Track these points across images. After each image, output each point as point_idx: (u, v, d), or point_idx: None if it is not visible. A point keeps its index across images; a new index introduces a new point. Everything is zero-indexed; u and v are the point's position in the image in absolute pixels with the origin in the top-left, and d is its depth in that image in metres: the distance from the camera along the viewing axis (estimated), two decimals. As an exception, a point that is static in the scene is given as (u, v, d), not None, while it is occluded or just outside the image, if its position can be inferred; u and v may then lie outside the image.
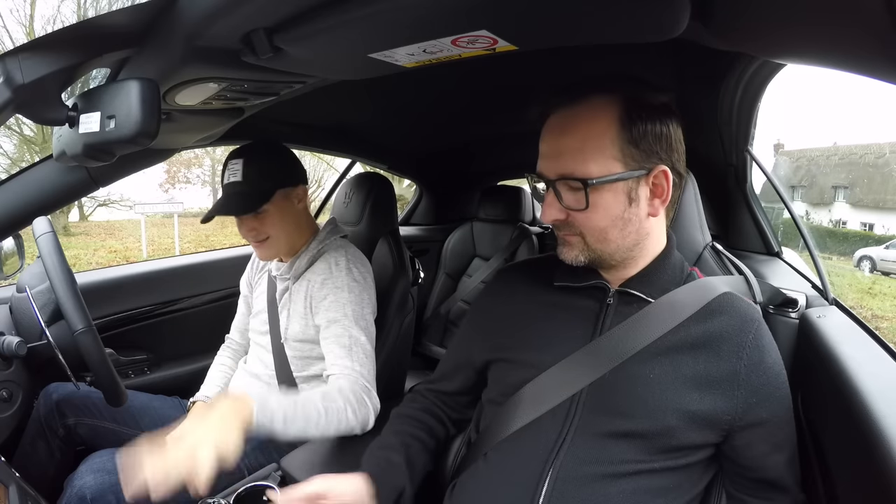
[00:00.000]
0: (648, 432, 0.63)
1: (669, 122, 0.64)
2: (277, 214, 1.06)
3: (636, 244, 0.67)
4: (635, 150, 0.62)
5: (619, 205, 0.63)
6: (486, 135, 1.89)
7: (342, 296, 1.03)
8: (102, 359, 0.90)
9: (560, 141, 0.64)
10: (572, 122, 0.63)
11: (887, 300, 7.89)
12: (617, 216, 0.64)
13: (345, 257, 1.08)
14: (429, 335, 2.22)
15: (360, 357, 0.98)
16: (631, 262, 0.69)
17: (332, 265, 1.06)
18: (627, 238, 0.66)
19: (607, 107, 0.62)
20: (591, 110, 0.63)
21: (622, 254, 0.67)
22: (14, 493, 0.67)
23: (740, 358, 0.64)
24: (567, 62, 1.00)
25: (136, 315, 1.40)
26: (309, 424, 0.84)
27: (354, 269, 1.07)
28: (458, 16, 0.51)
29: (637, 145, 0.62)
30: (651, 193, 0.64)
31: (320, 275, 1.05)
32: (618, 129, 0.61)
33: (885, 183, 15.57)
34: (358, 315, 1.03)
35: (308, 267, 1.09)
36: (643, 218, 0.65)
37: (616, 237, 0.65)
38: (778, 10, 0.45)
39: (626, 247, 0.67)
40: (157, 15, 0.57)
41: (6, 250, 1.04)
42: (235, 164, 1.03)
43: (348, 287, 1.04)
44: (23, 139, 9.46)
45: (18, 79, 0.53)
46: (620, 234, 0.65)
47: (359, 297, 1.05)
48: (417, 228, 2.36)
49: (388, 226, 1.36)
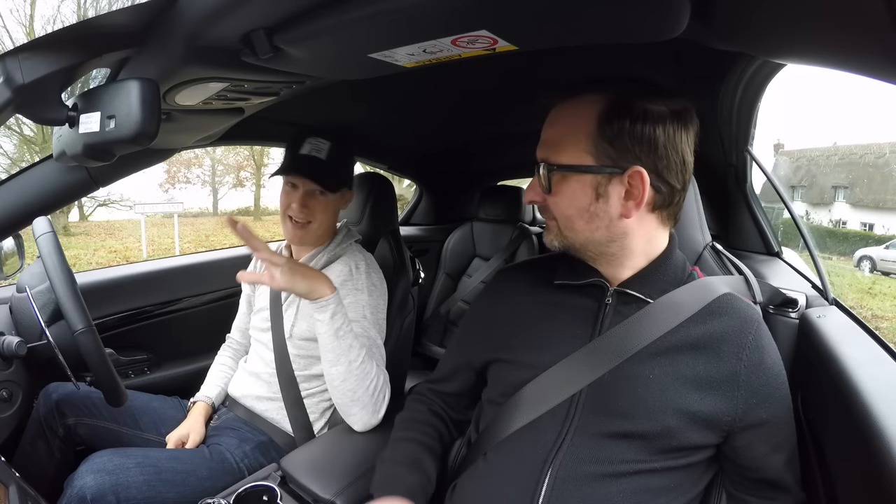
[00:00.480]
0: (648, 433, 0.63)
1: (659, 128, 0.63)
2: (330, 207, 1.11)
3: (610, 241, 0.67)
4: (609, 147, 0.63)
5: (584, 196, 0.65)
6: (487, 135, 1.89)
7: (362, 298, 1.04)
8: (102, 359, 0.90)
9: (548, 130, 0.69)
10: (560, 116, 0.68)
11: (887, 300, 7.93)
12: (582, 207, 0.65)
13: (364, 261, 1.10)
14: (429, 335, 2.22)
15: (378, 360, 1.00)
16: (615, 259, 0.69)
17: (352, 268, 1.07)
18: (596, 232, 0.66)
19: (591, 104, 0.64)
20: (577, 106, 0.66)
21: (595, 247, 0.68)
22: (14, 493, 0.67)
23: (740, 359, 0.64)
24: (567, 62, 1.00)
25: (136, 315, 1.40)
26: (347, 355, 0.91)
27: (374, 275, 1.09)
28: (458, 16, 0.51)
29: (612, 143, 0.63)
30: (626, 194, 0.64)
31: (338, 276, 1.06)
32: (595, 125, 0.63)
33: (885, 183, 15.58)
34: (375, 319, 1.04)
35: (323, 268, 1.10)
36: (613, 216, 0.65)
37: (582, 228, 0.67)
38: (778, 10, 0.45)
39: (596, 240, 0.67)
40: (157, 15, 0.57)
41: (6, 250, 1.04)
42: (322, 143, 1.08)
43: (368, 290, 1.05)
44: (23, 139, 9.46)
45: (18, 79, 0.53)
46: (587, 225, 0.66)
47: (376, 301, 1.06)
48: (417, 228, 2.36)
49: (389, 226, 1.36)
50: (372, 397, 0.94)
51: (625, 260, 0.69)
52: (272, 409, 1.11)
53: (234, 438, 1.05)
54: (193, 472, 0.94)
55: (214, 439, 1.07)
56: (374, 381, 0.94)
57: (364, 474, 0.87)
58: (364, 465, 0.88)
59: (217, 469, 0.98)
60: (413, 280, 1.38)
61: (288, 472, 0.88)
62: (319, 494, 0.83)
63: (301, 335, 1.08)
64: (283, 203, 1.09)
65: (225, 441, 1.05)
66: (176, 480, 0.91)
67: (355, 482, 0.85)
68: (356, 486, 0.85)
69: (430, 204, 2.42)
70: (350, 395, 0.92)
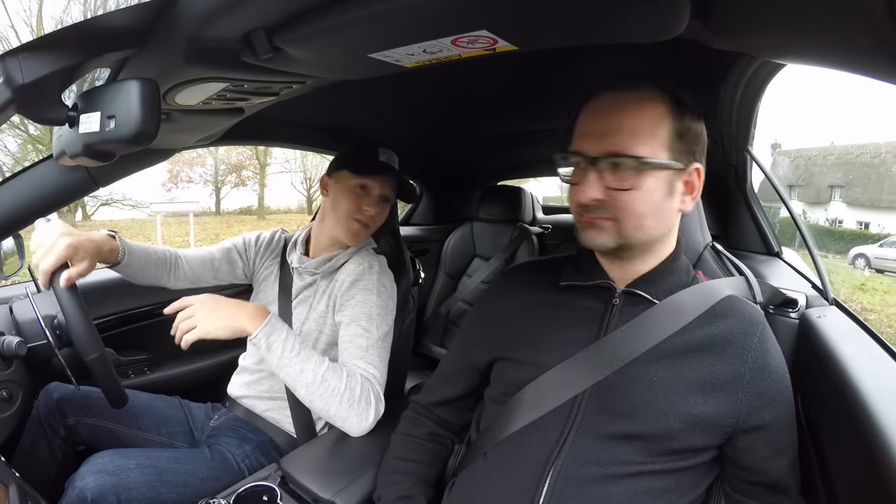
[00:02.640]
0: (650, 434, 0.63)
1: (703, 127, 0.66)
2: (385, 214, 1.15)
3: (662, 236, 0.68)
4: (681, 143, 0.63)
5: (660, 192, 0.63)
6: (487, 135, 1.89)
7: (370, 298, 1.04)
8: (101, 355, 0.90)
9: (612, 119, 0.63)
10: (629, 105, 0.63)
11: (877, 295, 8.34)
12: (657, 204, 0.64)
13: (378, 263, 1.11)
14: (429, 335, 2.22)
15: (374, 360, 0.99)
16: (645, 256, 0.69)
17: (365, 268, 1.08)
18: (658, 229, 0.66)
19: (659, 99, 0.63)
20: (647, 97, 0.64)
21: (647, 245, 0.68)
22: (14, 493, 0.67)
23: (745, 361, 0.64)
24: (566, 62, 1.00)
25: (136, 315, 1.40)
26: (301, 379, 0.87)
27: (384, 277, 1.10)
28: (458, 16, 0.51)
29: (682, 139, 0.63)
30: (684, 189, 0.66)
31: (350, 276, 1.07)
32: (671, 119, 0.63)
33: (880, 182, 15.62)
34: (381, 319, 1.04)
35: (340, 267, 1.11)
36: (674, 212, 0.66)
37: (651, 225, 0.65)
38: (778, 10, 0.45)
39: (654, 237, 0.67)
40: (158, 15, 0.56)
41: (6, 250, 1.04)
42: (394, 155, 1.16)
43: (377, 291, 1.05)
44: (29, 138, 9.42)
45: (18, 79, 0.53)
46: (655, 223, 0.65)
47: (385, 302, 1.06)
48: (417, 228, 2.36)
49: (389, 226, 1.36)
50: (351, 407, 0.90)
51: (647, 258, 0.70)
52: (273, 409, 1.11)
53: (235, 438, 1.05)
54: (194, 473, 0.94)
55: (215, 439, 1.07)
56: (347, 393, 0.90)
57: (364, 474, 0.87)
58: (364, 465, 0.88)
59: (217, 469, 0.98)
60: (413, 280, 1.38)
61: (288, 472, 0.88)
62: (319, 494, 0.83)
63: (310, 334, 1.09)
64: (353, 204, 1.10)
65: (225, 441, 1.05)
66: (177, 481, 0.91)
67: (355, 482, 0.85)
68: (356, 486, 0.85)
69: (430, 204, 2.42)
70: (324, 412, 0.90)
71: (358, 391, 0.91)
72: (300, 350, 0.89)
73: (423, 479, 0.80)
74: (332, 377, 0.89)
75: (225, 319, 0.85)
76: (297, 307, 1.12)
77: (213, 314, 0.85)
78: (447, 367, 0.86)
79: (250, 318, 0.86)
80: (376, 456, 0.88)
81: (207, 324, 0.84)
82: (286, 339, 0.88)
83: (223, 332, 0.84)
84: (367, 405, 0.92)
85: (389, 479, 0.80)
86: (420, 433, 0.85)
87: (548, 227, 2.41)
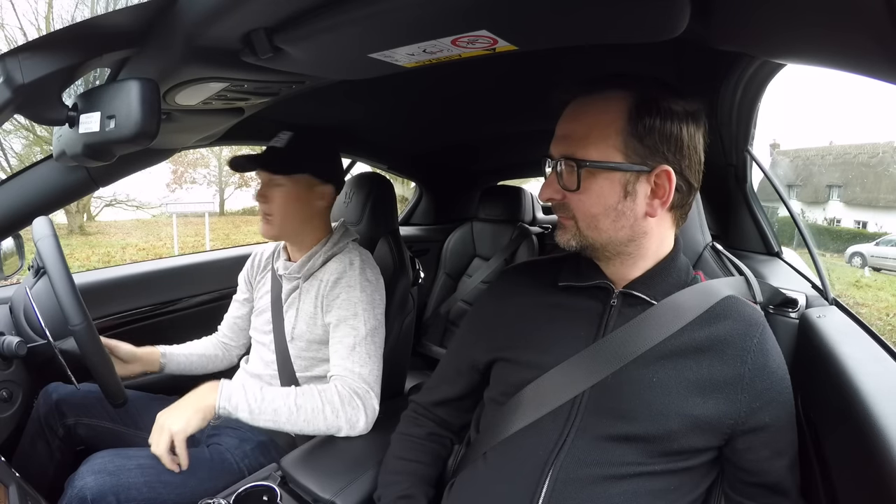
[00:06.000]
0: (650, 435, 0.63)
1: (685, 127, 0.64)
2: (289, 198, 1.07)
3: (631, 240, 0.67)
4: (639, 144, 0.62)
5: (613, 194, 0.64)
6: (487, 135, 1.89)
7: (354, 294, 1.04)
8: (101, 354, 0.90)
9: (570, 125, 0.66)
10: (585, 110, 0.66)
11: (870, 291, 8.63)
12: (610, 206, 0.64)
13: (359, 258, 1.10)
14: (429, 335, 2.22)
15: (361, 358, 0.99)
16: (629, 259, 0.69)
17: (346, 265, 1.07)
18: (620, 231, 0.66)
19: (620, 100, 0.63)
20: (604, 101, 0.64)
21: (615, 247, 0.67)
22: (14, 493, 0.67)
23: (745, 362, 0.63)
24: (566, 62, 1.00)
25: (136, 315, 1.40)
26: (279, 418, 0.90)
27: (368, 270, 1.09)
28: (458, 16, 0.51)
29: (641, 140, 0.62)
30: (652, 193, 0.64)
31: (333, 274, 1.06)
32: (625, 122, 0.62)
33: (877, 182, 15.66)
34: (368, 315, 1.03)
35: (321, 267, 1.10)
36: (639, 215, 0.65)
37: (608, 227, 0.65)
38: (778, 10, 0.45)
39: (618, 240, 0.67)
40: (157, 15, 0.57)
41: (6, 250, 1.03)
42: (284, 134, 1.07)
43: (360, 286, 1.05)
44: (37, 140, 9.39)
45: (18, 79, 0.53)
46: (612, 225, 0.65)
47: (370, 296, 1.06)
48: (417, 228, 2.36)
49: (389, 226, 1.36)
50: (338, 416, 0.92)
51: (638, 260, 0.69)
52: (272, 410, 1.11)
53: (234, 438, 1.05)
54: (194, 473, 0.94)
55: (214, 439, 1.06)
56: (326, 406, 0.92)
57: (364, 474, 0.87)
58: (364, 464, 0.88)
59: (217, 469, 0.98)
60: (413, 280, 1.38)
61: (288, 472, 0.88)
62: (319, 494, 0.83)
63: (302, 336, 1.09)
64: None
65: (225, 441, 1.05)
66: (176, 482, 0.91)
67: (355, 482, 0.85)
68: (356, 486, 0.85)
69: (430, 204, 2.42)
70: (316, 432, 0.93)
71: (337, 399, 0.93)
72: (264, 395, 0.91)
73: (423, 479, 0.80)
74: (306, 400, 0.92)
75: (187, 410, 0.87)
76: (287, 311, 1.12)
77: (175, 414, 0.86)
78: (446, 367, 0.86)
79: (207, 393, 0.89)
80: (376, 456, 0.88)
81: (177, 423, 0.85)
82: (245, 392, 0.90)
83: (195, 419, 0.86)
84: (353, 408, 0.93)
85: (389, 478, 0.80)
86: (420, 433, 0.85)
87: (548, 227, 2.41)
